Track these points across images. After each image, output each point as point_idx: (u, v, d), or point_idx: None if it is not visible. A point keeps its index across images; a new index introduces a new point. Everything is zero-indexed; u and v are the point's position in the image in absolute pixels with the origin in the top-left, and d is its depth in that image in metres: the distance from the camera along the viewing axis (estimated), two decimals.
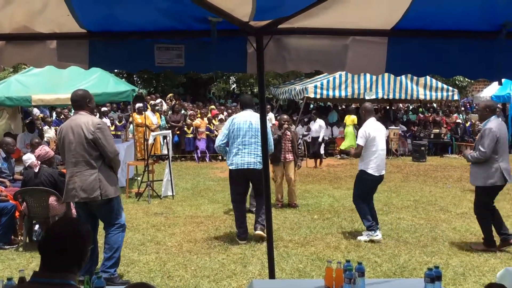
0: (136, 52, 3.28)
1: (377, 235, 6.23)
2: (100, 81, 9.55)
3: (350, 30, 3.22)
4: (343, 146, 14.74)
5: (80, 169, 4.57)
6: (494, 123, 5.81)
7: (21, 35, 3.19)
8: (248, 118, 6.28)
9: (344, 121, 15.42)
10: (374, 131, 6.22)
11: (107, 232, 4.79)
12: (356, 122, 14.86)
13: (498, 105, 18.47)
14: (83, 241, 1.95)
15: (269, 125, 6.62)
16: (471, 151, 6.11)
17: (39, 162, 6.10)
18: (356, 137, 7.37)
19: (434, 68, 3.33)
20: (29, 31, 3.14)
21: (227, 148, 6.32)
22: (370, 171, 6.16)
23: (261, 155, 5.87)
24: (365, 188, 6.34)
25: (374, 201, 6.54)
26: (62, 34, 3.24)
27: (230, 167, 6.29)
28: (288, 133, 8.12)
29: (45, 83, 9.45)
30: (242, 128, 6.20)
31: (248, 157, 6.16)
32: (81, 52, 3.31)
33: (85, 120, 4.61)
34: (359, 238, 6.32)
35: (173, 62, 3.27)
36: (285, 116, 8.45)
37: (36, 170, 6.05)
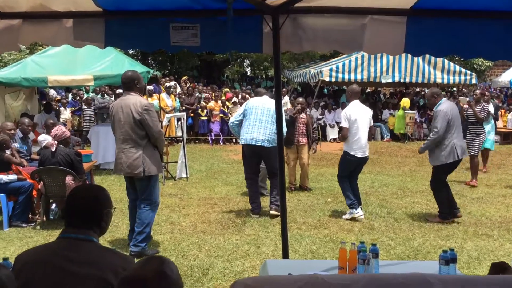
0: (151, 31, 3.27)
1: (358, 212, 6.46)
2: (115, 63, 9.58)
3: (368, 9, 3.16)
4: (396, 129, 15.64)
5: (127, 146, 4.92)
6: (445, 105, 6.28)
7: (38, 14, 3.19)
8: (262, 100, 6.68)
9: (401, 104, 15.89)
10: (356, 113, 6.37)
11: (140, 207, 5.09)
12: (407, 106, 15.12)
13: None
14: (99, 204, 2.15)
15: (283, 108, 6.70)
16: (426, 141, 6.55)
17: (56, 142, 6.18)
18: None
19: (454, 49, 3.27)
20: (45, 9, 3.14)
21: (239, 127, 6.70)
22: (352, 152, 6.39)
23: (270, 134, 6.36)
24: (348, 168, 6.57)
25: (390, 185, 6.59)
26: (78, 13, 3.24)
27: (241, 142, 6.75)
28: (304, 116, 8.05)
29: (61, 64, 9.51)
30: (255, 107, 6.56)
31: (257, 133, 6.45)
32: (97, 31, 3.30)
33: (134, 101, 4.89)
34: (343, 216, 6.55)
35: (189, 42, 3.25)
36: (301, 99, 8.44)
37: (53, 150, 6.12)
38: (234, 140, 14.47)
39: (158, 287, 1.55)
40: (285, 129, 6.63)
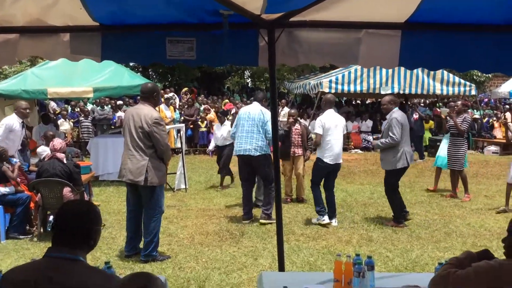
0: (147, 45, 3.29)
1: (324, 219, 6.72)
2: (115, 75, 9.63)
3: (362, 23, 3.18)
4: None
5: (134, 153, 5.08)
6: (398, 113, 6.67)
7: (35, 28, 3.22)
8: (248, 109, 6.99)
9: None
10: (330, 121, 6.65)
11: (146, 217, 5.24)
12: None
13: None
14: (89, 221, 2.09)
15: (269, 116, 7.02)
16: (381, 139, 6.85)
17: (57, 154, 6.20)
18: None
19: (448, 62, 3.28)
20: (42, 24, 3.17)
21: None
22: (324, 159, 6.63)
23: (256, 142, 6.67)
24: (319, 174, 6.78)
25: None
26: (75, 27, 3.27)
27: (234, 154, 7.13)
28: (298, 126, 8.08)
29: (61, 76, 9.56)
30: (242, 118, 6.89)
31: (244, 144, 6.74)
32: (93, 45, 3.33)
33: (146, 112, 5.08)
34: (312, 220, 6.85)
35: (184, 55, 3.27)
36: (293, 111, 8.51)
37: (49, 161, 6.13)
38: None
39: None
40: (270, 137, 6.86)
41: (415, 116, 14.14)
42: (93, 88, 9.40)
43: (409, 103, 16.89)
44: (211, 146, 9.70)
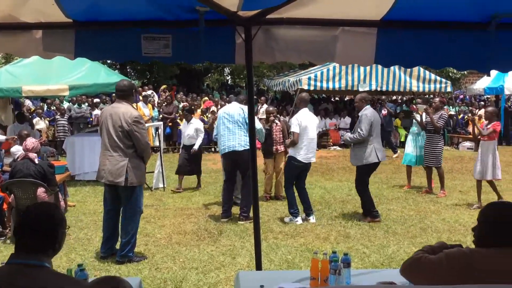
0: (122, 42, 3.24)
1: (297, 221, 6.77)
2: (91, 72, 9.48)
3: (339, 20, 3.19)
4: None
5: (113, 154, 4.98)
6: (369, 111, 6.81)
7: (7, 25, 3.13)
8: (227, 109, 7.09)
9: None
10: (306, 120, 6.69)
11: (124, 217, 5.16)
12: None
13: (488, 97, 18.62)
14: (55, 224, 2.00)
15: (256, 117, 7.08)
16: (350, 134, 7.12)
17: (29, 154, 6.05)
18: None
19: (423, 59, 3.31)
20: (14, 20, 3.09)
21: None
22: (298, 157, 6.67)
23: (239, 138, 6.69)
24: (293, 173, 6.82)
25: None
26: (47, 24, 3.20)
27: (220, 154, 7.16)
28: (278, 123, 8.08)
29: (35, 74, 9.37)
30: (223, 117, 6.93)
31: (228, 141, 6.77)
32: (67, 42, 3.26)
33: (125, 111, 4.98)
34: (285, 219, 6.89)
35: (160, 52, 3.23)
36: (271, 108, 8.53)
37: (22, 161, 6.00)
38: (213, 149, 14.44)
39: None
40: (259, 126, 7.02)
41: (384, 112, 14.36)
42: (69, 86, 9.23)
43: (379, 99, 17.07)
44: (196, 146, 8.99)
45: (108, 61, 20.39)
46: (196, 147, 8.80)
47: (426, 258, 2.19)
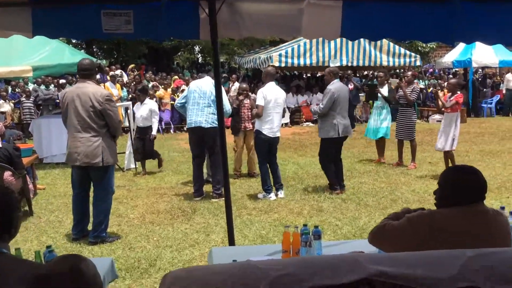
0: (81, 19, 3.14)
1: (270, 197, 6.80)
2: (55, 52, 9.21)
3: None
4: None
5: (85, 135, 4.86)
6: (335, 85, 6.81)
7: None
8: (200, 83, 6.93)
9: None
10: (271, 94, 6.67)
11: (98, 198, 5.11)
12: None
13: (456, 70, 18.96)
14: (9, 209, 1.92)
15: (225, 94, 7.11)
16: (315, 106, 7.21)
17: None
18: None
19: (389, 32, 3.34)
20: None
21: (183, 109, 7.01)
22: (264, 131, 6.67)
23: (207, 115, 6.64)
24: (262, 148, 6.83)
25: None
26: (2, 2, 3.08)
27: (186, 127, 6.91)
28: (247, 101, 8.03)
29: None
30: (193, 91, 6.82)
31: (195, 116, 6.71)
32: (23, 20, 3.15)
33: (93, 90, 4.87)
34: (258, 196, 6.92)
35: (122, 29, 3.15)
36: (244, 85, 8.45)
37: None
38: (185, 128, 14.29)
39: (73, 283, 1.50)
40: (228, 110, 6.86)
41: (350, 86, 14.46)
42: (32, 66, 8.95)
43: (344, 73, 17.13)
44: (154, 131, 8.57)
45: (73, 41, 19.87)
46: (154, 132, 8.48)
47: (390, 225, 2.27)
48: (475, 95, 17.50)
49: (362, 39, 14.25)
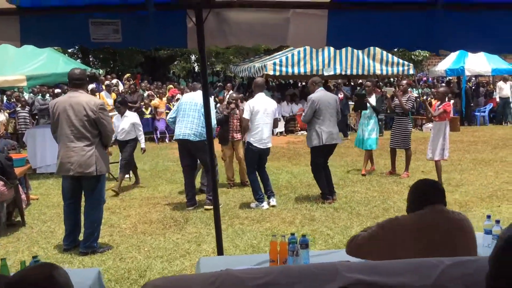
0: (70, 27, 3.16)
1: (263, 206, 6.79)
2: (49, 61, 9.20)
3: (290, 2, 3.20)
4: None
5: (79, 144, 4.86)
6: (316, 94, 6.85)
7: None
8: (193, 96, 6.94)
9: None
10: (258, 105, 6.70)
11: (90, 207, 5.10)
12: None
13: (450, 78, 19.03)
14: None
15: (213, 104, 7.17)
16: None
17: None
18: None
19: (374, 41, 3.36)
20: None
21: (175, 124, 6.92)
22: (254, 143, 6.70)
23: (196, 128, 6.60)
24: (252, 159, 6.84)
25: (332, 176, 7.19)
26: None
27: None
28: (237, 111, 8.01)
29: None
30: (185, 103, 6.82)
31: (184, 128, 6.67)
32: (11, 29, 3.16)
33: (86, 99, 4.91)
34: (251, 205, 6.89)
35: (110, 38, 3.17)
36: (234, 95, 8.45)
37: None
38: None
39: None
40: (214, 122, 6.91)
41: (340, 95, 14.49)
42: (26, 76, 8.92)
43: (334, 83, 17.12)
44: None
45: (69, 50, 19.91)
46: (142, 145, 8.19)
47: (360, 236, 2.48)
48: (468, 104, 17.58)
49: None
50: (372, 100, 8.80)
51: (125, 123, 8.09)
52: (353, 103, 12.47)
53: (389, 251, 2.29)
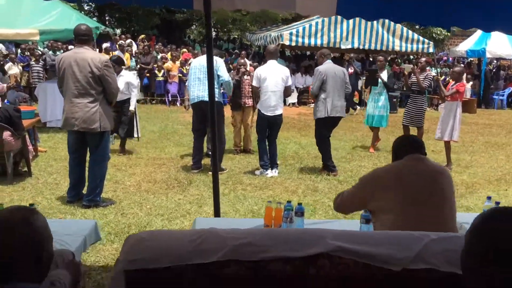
0: None
1: (267, 173, 6.81)
2: (62, 17, 9.14)
3: None
4: None
5: (83, 100, 4.89)
6: (324, 66, 6.81)
7: None
8: (201, 59, 6.92)
9: None
10: (266, 72, 6.65)
11: (94, 163, 5.17)
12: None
13: (471, 60, 18.62)
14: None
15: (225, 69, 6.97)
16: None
17: None
18: None
19: (384, 13, 3.28)
20: None
21: None
22: (262, 110, 6.70)
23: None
24: (261, 126, 6.82)
25: (340, 149, 7.09)
26: None
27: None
28: (248, 77, 7.96)
29: (4, 17, 8.96)
30: (194, 67, 6.90)
31: (197, 91, 6.74)
32: None
33: (92, 56, 4.88)
34: (256, 172, 6.93)
35: None
36: (242, 60, 8.42)
37: None
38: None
39: (22, 231, 1.55)
40: (229, 85, 7.04)
41: (350, 70, 14.26)
42: (39, 30, 8.91)
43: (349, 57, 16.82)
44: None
45: (86, 8, 19.80)
46: (132, 107, 7.89)
47: (345, 192, 2.78)
48: (487, 86, 17.25)
49: (375, 22, 14.02)
50: (384, 75, 8.66)
51: (120, 83, 7.57)
52: (364, 78, 12.33)
53: (372, 201, 2.51)
